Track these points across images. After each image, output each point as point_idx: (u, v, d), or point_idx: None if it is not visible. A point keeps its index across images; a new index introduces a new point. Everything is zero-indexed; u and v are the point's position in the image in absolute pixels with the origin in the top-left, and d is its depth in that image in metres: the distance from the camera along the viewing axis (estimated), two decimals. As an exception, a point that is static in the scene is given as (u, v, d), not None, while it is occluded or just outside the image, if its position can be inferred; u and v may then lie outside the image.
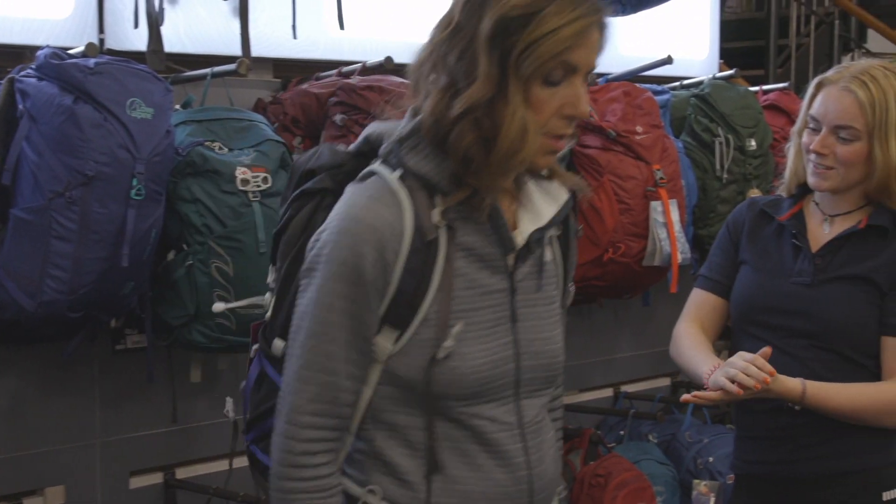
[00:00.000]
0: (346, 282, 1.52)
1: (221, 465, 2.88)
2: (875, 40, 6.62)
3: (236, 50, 2.87)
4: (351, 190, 1.58)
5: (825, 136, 2.21)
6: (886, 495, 2.21)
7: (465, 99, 1.49)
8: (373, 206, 1.53)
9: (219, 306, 2.10)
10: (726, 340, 2.50)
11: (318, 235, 1.56)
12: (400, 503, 1.60)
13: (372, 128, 1.65)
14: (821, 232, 2.29)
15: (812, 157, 2.23)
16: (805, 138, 2.27)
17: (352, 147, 1.67)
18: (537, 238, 1.63)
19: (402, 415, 1.59)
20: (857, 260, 2.23)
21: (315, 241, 1.56)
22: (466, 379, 1.56)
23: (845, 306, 2.20)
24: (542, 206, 1.64)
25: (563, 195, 1.67)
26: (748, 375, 2.05)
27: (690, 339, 2.34)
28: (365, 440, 1.62)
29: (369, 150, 1.64)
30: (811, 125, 2.25)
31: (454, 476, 1.59)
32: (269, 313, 1.69)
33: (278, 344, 1.64)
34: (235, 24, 2.89)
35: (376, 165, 1.59)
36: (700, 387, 2.21)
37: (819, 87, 2.27)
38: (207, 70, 2.72)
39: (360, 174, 1.61)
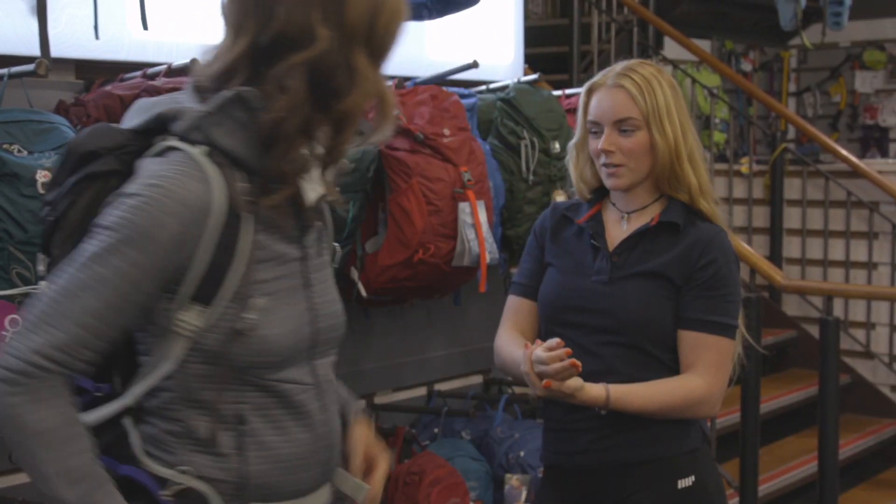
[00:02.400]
0: (136, 248, 1.51)
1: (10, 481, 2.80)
2: (670, 47, 6.91)
3: (35, 50, 2.78)
4: (153, 164, 1.57)
5: (609, 135, 2.32)
6: (681, 483, 2.32)
7: (353, 99, 1.57)
8: (183, 180, 1.54)
9: None
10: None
11: (118, 199, 1.54)
12: (215, 478, 1.62)
13: (162, 104, 1.64)
14: (619, 230, 2.39)
15: (602, 158, 2.34)
16: (591, 144, 2.37)
17: (137, 124, 1.65)
18: (319, 205, 1.70)
19: (212, 391, 1.60)
20: (651, 256, 2.33)
21: (115, 204, 1.54)
22: (275, 347, 1.61)
23: (641, 302, 2.30)
24: (315, 173, 1.69)
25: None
26: (558, 370, 2.13)
27: (509, 344, 2.41)
28: (175, 420, 1.62)
29: (156, 128, 1.63)
30: (593, 130, 2.36)
31: (265, 442, 1.64)
32: None
33: None
34: (34, 23, 2.80)
35: (174, 142, 1.59)
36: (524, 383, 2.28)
37: (590, 93, 2.38)
38: (4, 70, 2.63)
39: (156, 150, 1.60)
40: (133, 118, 1.68)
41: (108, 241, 1.52)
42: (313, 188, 1.68)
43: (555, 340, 2.16)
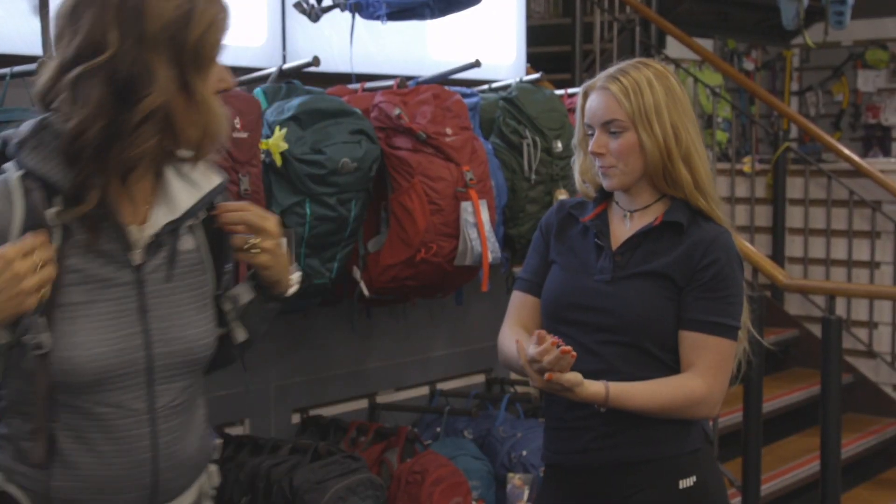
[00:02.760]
0: None
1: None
2: (673, 46, 6.90)
3: (37, 49, 2.79)
4: None
5: (599, 137, 2.34)
6: (682, 483, 2.31)
7: (148, 105, 1.60)
8: None
9: None
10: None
11: None
12: (26, 486, 1.70)
13: (7, 132, 1.72)
14: (623, 229, 2.39)
15: (596, 160, 2.35)
16: (591, 144, 2.38)
17: None
18: (169, 230, 1.73)
19: (30, 405, 1.67)
20: (654, 256, 2.33)
21: None
22: (83, 368, 1.66)
23: (643, 302, 2.30)
24: (179, 196, 1.74)
25: (211, 181, 1.79)
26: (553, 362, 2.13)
27: (512, 341, 2.41)
28: (7, 426, 1.73)
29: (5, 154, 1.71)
30: (589, 132, 2.37)
31: (74, 462, 1.70)
32: None
33: None
34: (36, 23, 2.80)
35: (8, 164, 1.68)
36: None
37: (585, 95, 2.39)
38: (6, 70, 2.63)
39: None
40: None
41: None
42: (167, 212, 1.73)
43: (536, 334, 2.17)
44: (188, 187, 1.77)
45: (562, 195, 3.46)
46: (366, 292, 3.18)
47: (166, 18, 1.62)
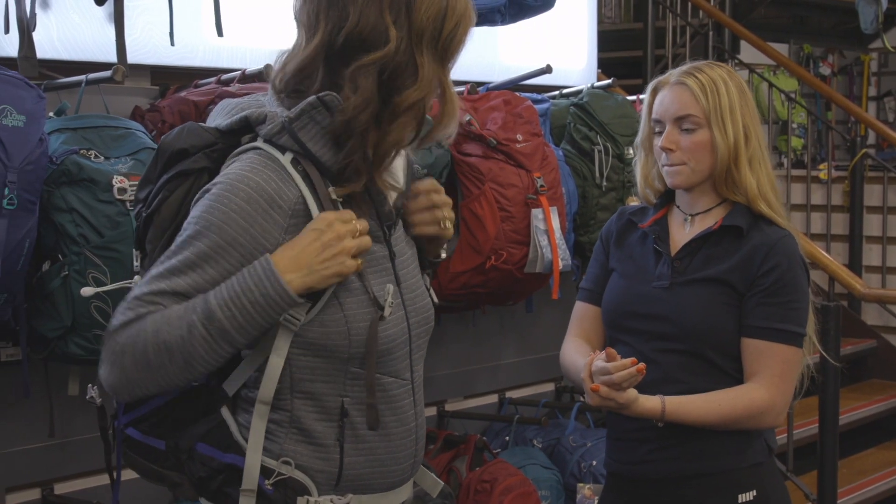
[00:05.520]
0: (207, 238, 1.60)
1: (101, 480, 2.82)
2: (747, 51, 6.81)
3: (112, 56, 2.82)
4: (239, 163, 1.64)
5: (670, 132, 2.29)
6: (742, 497, 2.25)
7: (408, 97, 1.63)
8: (264, 171, 1.62)
9: (87, 290, 1.98)
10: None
11: (202, 194, 1.63)
12: (313, 468, 1.69)
13: (247, 106, 1.72)
14: (682, 233, 2.34)
15: (663, 156, 2.30)
16: (656, 142, 2.33)
17: (223, 125, 1.73)
18: (400, 203, 1.78)
19: (320, 383, 1.68)
20: (713, 261, 2.27)
21: (200, 200, 1.62)
22: (380, 336, 1.68)
23: (701, 308, 2.24)
24: (397, 172, 1.77)
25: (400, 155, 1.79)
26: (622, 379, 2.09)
27: (573, 353, 2.37)
28: (283, 410, 1.69)
29: (242, 129, 1.71)
30: (657, 129, 2.32)
31: (363, 435, 1.71)
32: None
33: None
34: (111, 30, 2.84)
35: (260, 143, 1.67)
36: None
37: (654, 91, 2.35)
38: (82, 77, 2.66)
39: (239, 150, 1.68)
40: (218, 117, 1.76)
41: (189, 231, 1.61)
42: (394, 186, 1.76)
43: (604, 353, 2.12)
44: (397, 160, 1.78)
45: (633, 202, 3.42)
46: (435, 299, 3.16)
47: (433, 11, 1.64)
